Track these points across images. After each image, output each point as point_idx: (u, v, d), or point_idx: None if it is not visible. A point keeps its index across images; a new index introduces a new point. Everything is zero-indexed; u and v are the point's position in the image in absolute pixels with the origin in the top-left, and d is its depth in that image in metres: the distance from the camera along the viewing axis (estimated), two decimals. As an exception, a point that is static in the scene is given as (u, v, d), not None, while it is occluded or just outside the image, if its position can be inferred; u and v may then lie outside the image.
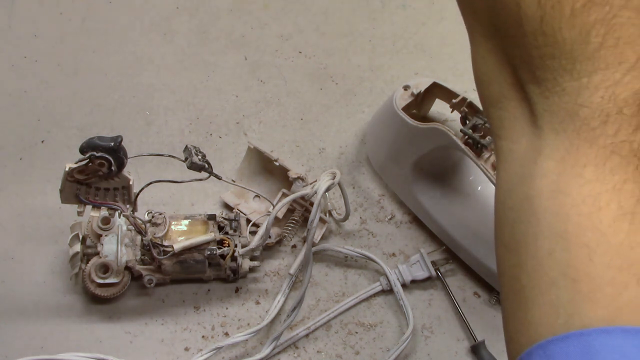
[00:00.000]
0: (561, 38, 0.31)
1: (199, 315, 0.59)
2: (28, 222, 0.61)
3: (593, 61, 0.30)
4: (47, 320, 0.57)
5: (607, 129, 0.30)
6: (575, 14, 0.30)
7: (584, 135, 0.31)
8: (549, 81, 0.32)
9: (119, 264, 0.55)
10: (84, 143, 0.49)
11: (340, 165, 0.68)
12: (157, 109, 0.70)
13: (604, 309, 0.28)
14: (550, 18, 0.31)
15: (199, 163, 0.52)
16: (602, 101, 0.30)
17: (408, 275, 0.61)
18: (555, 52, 0.31)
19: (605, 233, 0.29)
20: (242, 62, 0.74)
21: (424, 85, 0.64)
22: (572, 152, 0.31)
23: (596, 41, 0.30)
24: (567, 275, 0.30)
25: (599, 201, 0.30)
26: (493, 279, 0.62)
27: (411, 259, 0.62)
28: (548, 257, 0.30)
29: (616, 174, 0.30)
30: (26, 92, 0.69)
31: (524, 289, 0.31)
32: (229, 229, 0.58)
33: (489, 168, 0.56)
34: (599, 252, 0.29)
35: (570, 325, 0.29)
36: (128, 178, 0.52)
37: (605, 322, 0.28)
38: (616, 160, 0.30)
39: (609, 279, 0.29)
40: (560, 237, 0.30)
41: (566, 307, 0.29)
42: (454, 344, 0.60)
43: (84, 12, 0.75)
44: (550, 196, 0.31)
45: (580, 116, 0.31)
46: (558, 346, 0.29)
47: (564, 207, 0.31)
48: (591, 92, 0.31)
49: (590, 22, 0.30)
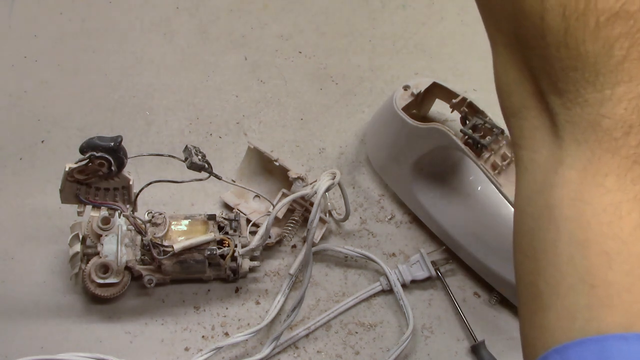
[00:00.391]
0: (584, 51, 0.31)
1: (199, 315, 0.59)
2: (28, 222, 0.61)
3: (616, 74, 0.31)
4: (47, 320, 0.57)
5: (629, 139, 0.31)
6: (600, 27, 0.30)
7: (605, 145, 0.31)
8: (571, 92, 0.32)
9: (119, 264, 0.55)
10: (84, 143, 0.49)
11: (340, 165, 0.68)
12: (157, 109, 0.70)
13: (621, 315, 0.29)
14: (574, 30, 0.31)
15: (199, 163, 0.52)
16: (625, 113, 0.31)
17: (408, 275, 0.61)
18: (578, 64, 0.31)
19: (626, 241, 0.30)
20: (242, 62, 0.74)
21: (424, 85, 0.64)
22: (593, 162, 0.31)
23: (620, 54, 0.30)
24: (586, 282, 0.30)
25: (620, 210, 0.30)
26: (493, 279, 0.62)
27: (411, 259, 0.62)
28: (567, 264, 0.31)
29: (637, 184, 0.31)
30: (26, 92, 0.69)
31: (541, 295, 0.32)
32: (229, 229, 0.58)
33: (489, 168, 0.56)
34: (619, 260, 0.29)
35: (587, 330, 0.29)
36: (128, 178, 0.52)
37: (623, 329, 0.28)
38: (638, 171, 0.31)
39: (627, 286, 0.29)
40: (580, 245, 0.30)
41: (583, 313, 0.29)
42: (454, 344, 0.60)
43: (84, 12, 0.75)
44: (571, 205, 0.31)
45: (602, 127, 0.31)
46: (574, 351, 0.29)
47: (585, 215, 0.31)
48: (614, 104, 0.31)
49: (614, 35, 0.30)
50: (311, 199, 0.55)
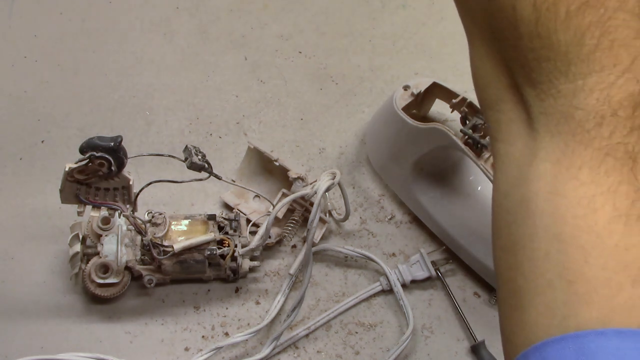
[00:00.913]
0: (556, 40, 0.31)
1: (199, 315, 0.59)
2: (28, 222, 0.61)
3: (588, 63, 0.30)
4: (47, 320, 0.57)
5: (602, 131, 0.30)
6: (570, 16, 0.30)
7: (579, 137, 0.31)
8: (544, 83, 0.32)
9: (119, 264, 0.55)
10: (83, 143, 0.49)
11: (340, 165, 0.68)
12: (157, 109, 0.70)
13: (599, 310, 0.28)
14: (546, 20, 0.31)
15: (198, 163, 0.52)
16: (597, 103, 0.30)
17: (408, 275, 0.61)
18: (550, 54, 0.31)
19: (601, 235, 0.29)
20: (242, 62, 0.74)
21: (424, 85, 0.64)
22: (567, 154, 0.31)
23: (591, 43, 0.30)
24: (563, 277, 0.30)
25: (594, 203, 0.30)
26: (493, 279, 0.62)
27: (411, 259, 0.62)
28: (544, 259, 0.31)
29: (611, 175, 0.30)
30: (26, 92, 0.69)
31: (520, 291, 0.32)
32: (229, 229, 0.58)
33: (489, 168, 0.56)
34: (594, 254, 0.29)
35: (566, 326, 0.29)
36: (128, 178, 0.52)
37: (601, 324, 0.28)
38: (611, 162, 0.30)
39: (604, 281, 0.29)
40: (556, 239, 0.30)
41: (562, 309, 0.29)
42: (454, 344, 0.60)
43: (84, 12, 0.75)
44: (546, 198, 0.31)
45: (575, 118, 0.31)
46: (554, 348, 0.29)
47: (560, 209, 0.31)
48: (586, 95, 0.31)
49: (585, 24, 0.30)
50: (311, 199, 0.55)
